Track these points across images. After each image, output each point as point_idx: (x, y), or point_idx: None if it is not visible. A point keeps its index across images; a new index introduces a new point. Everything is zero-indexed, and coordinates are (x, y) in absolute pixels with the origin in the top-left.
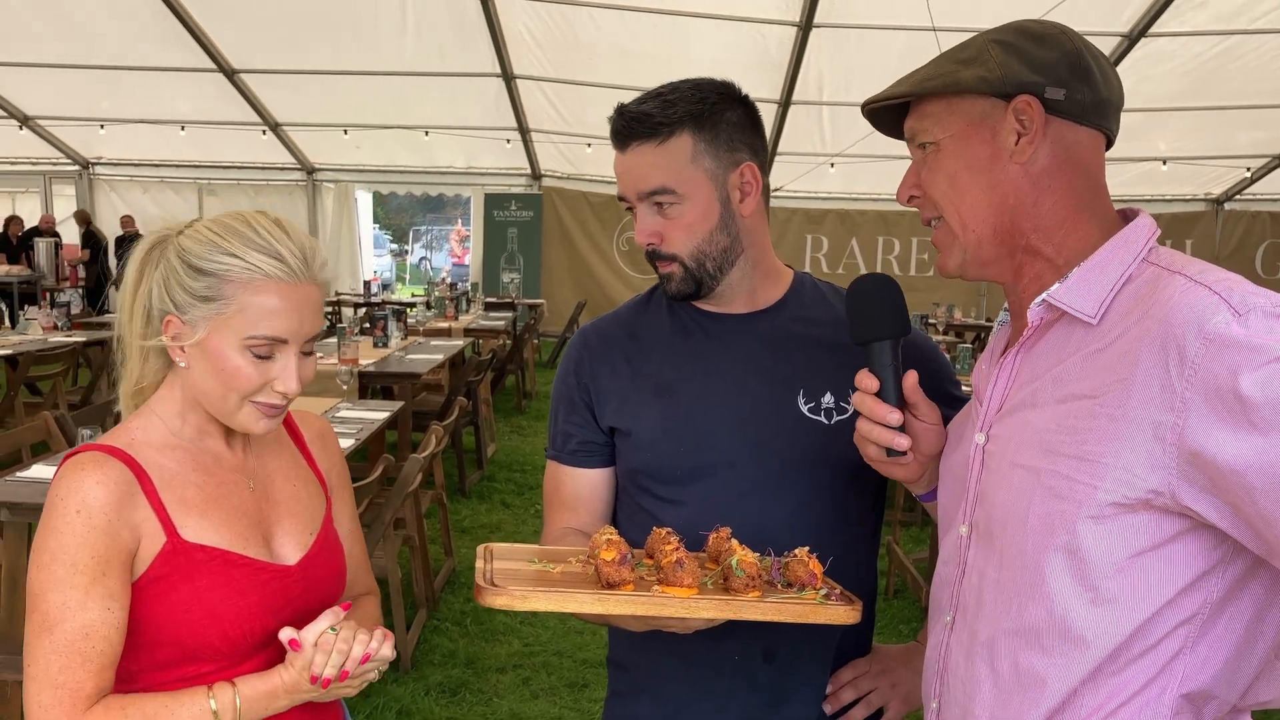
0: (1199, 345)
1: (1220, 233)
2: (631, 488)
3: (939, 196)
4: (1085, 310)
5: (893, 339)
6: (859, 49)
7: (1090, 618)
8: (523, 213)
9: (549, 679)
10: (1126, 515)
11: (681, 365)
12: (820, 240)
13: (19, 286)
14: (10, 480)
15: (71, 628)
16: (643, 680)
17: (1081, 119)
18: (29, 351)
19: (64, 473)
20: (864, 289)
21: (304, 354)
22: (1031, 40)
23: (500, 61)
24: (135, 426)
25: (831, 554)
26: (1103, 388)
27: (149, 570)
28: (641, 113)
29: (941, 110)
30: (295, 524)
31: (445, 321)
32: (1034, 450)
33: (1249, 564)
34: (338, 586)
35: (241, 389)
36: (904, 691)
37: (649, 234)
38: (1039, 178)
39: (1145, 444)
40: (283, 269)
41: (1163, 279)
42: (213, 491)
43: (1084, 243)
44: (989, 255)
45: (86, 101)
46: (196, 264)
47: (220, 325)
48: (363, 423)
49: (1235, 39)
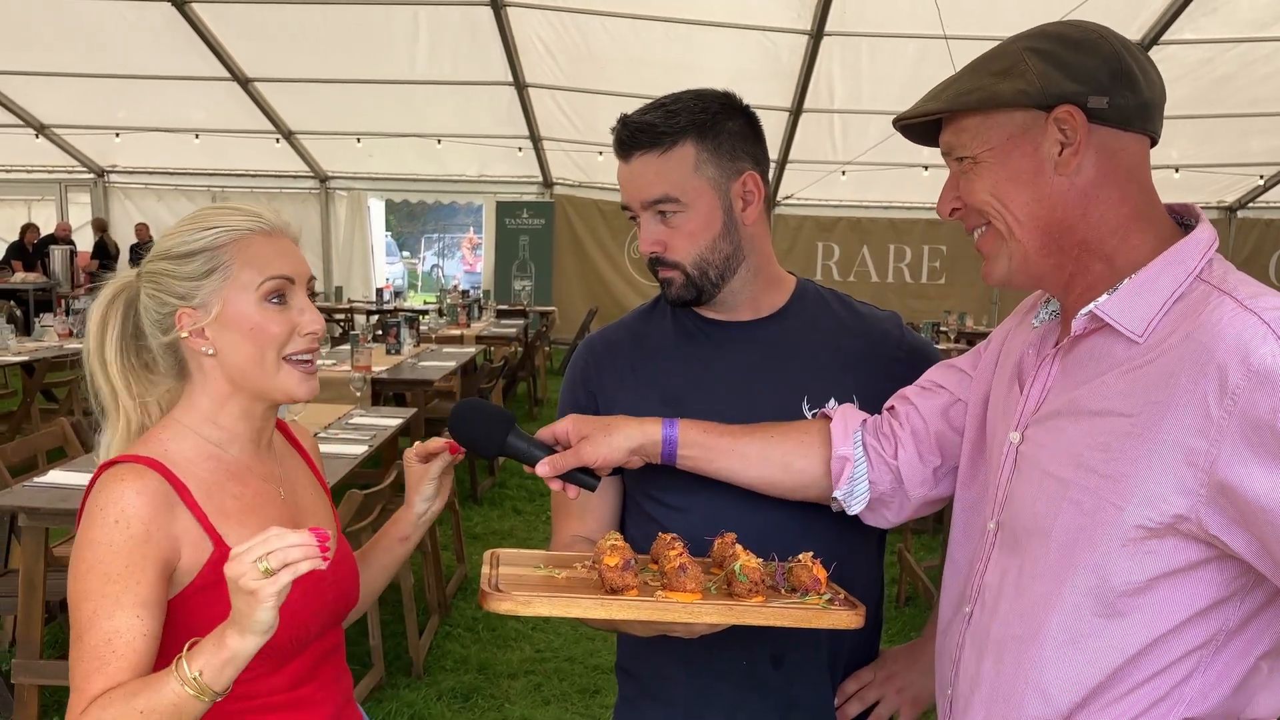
0: (1242, 376)
1: (1233, 241)
2: (639, 495)
3: (983, 206)
4: (1132, 328)
5: (511, 433)
6: (870, 57)
7: (1102, 636)
8: (534, 220)
9: (560, 685)
10: (1151, 539)
11: (687, 373)
12: (831, 248)
13: (35, 294)
14: (27, 486)
15: (98, 634)
16: (651, 686)
17: (1126, 125)
18: (45, 358)
19: (103, 483)
20: (457, 429)
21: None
22: (1070, 47)
23: (512, 70)
24: (166, 438)
25: (836, 559)
26: (1139, 407)
27: (196, 579)
28: (645, 123)
29: (978, 124)
30: (320, 528)
31: (457, 329)
32: (1065, 461)
33: (1269, 595)
34: (356, 588)
35: (275, 340)
36: (911, 695)
37: (652, 242)
38: (1086, 188)
39: (1176, 469)
40: (262, 222)
41: (1212, 299)
42: (250, 500)
43: (1138, 251)
44: (1037, 267)
45: (102, 110)
46: (183, 250)
47: (232, 290)
48: (376, 429)
49: (1248, 46)
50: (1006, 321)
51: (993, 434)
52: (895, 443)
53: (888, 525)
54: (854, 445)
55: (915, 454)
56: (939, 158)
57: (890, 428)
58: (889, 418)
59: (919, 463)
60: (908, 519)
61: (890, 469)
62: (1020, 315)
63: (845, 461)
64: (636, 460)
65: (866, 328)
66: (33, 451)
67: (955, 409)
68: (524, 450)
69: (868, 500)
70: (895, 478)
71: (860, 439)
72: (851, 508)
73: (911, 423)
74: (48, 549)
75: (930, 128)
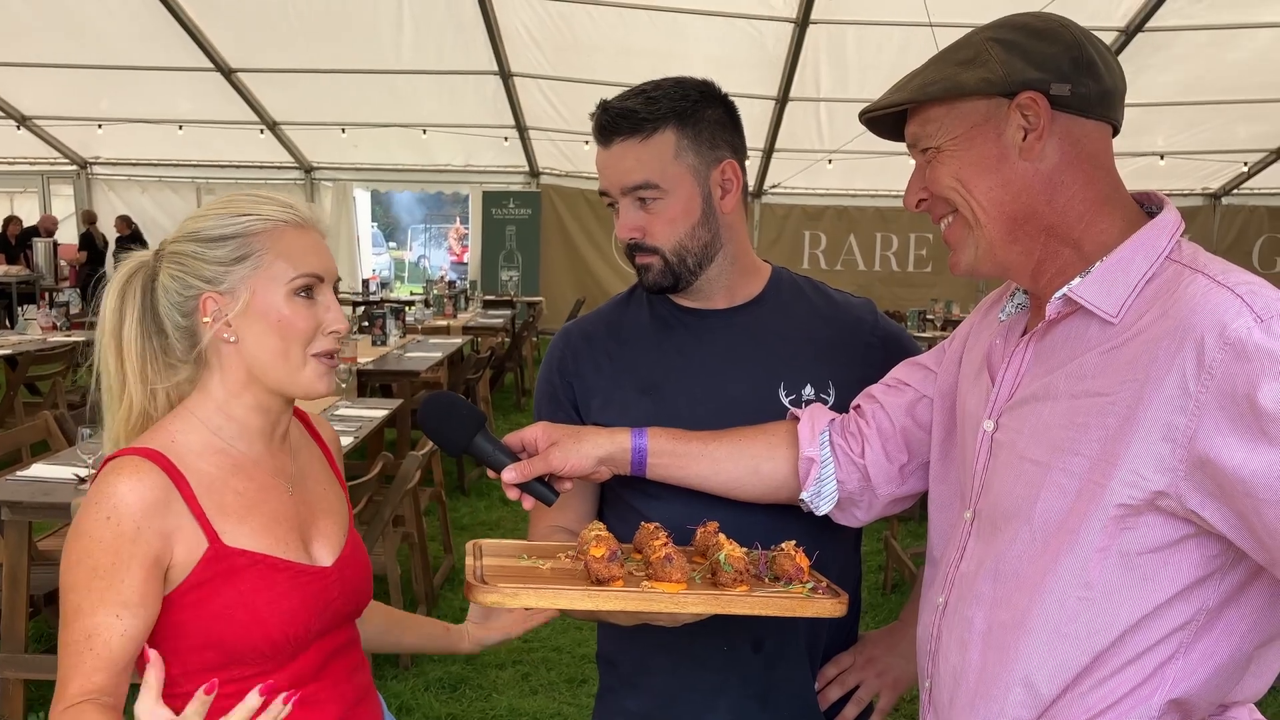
0: (1219, 350)
1: (1218, 227)
2: (618, 485)
3: (948, 194)
4: (1107, 309)
5: (479, 433)
6: (856, 45)
7: (1084, 616)
8: (521, 210)
9: (548, 675)
10: (1132, 517)
11: (664, 361)
12: (818, 237)
13: (18, 287)
14: (11, 480)
15: (79, 629)
16: (632, 675)
17: (1088, 112)
18: (28, 351)
19: (103, 476)
20: (427, 421)
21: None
22: (1032, 35)
23: (498, 59)
24: (175, 429)
25: (814, 543)
26: (1116, 386)
27: (190, 576)
28: (626, 109)
29: (943, 114)
30: (329, 526)
31: (444, 319)
32: (1043, 445)
33: (1248, 572)
34: (367, 587)
35: (301, 335)
36: (892, 678)
37: (631, 228)
38: (1050, 174)
39: (1155, 445)
40: (295, 214)
41: (1184, 277)
42: (253, 496)
43: (1106, 235)
44: (1003, 254)
45: (84, 101)
46: (215, 234)
47: (263, 279)
48: (361, 421)
49: (1232, 32)
50: (971, 316)
51: (962, 427)
52: (862, 441)
53: (858, 524)
54: (820, 446)
55: (882, 452)
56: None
57: (857, 426)
58: (856, 417)
59: (886, 461)
60: (877, 517)
61: (858, 468)
62: (985, 310)
63: (812, 463)
64: (604, 471)
65: (841, 314)
66: (16, 445)
67: (921, 406)
68: (489, 453)
69: (836, 500)
70: (863, 476)
71: (827, 439)
72: (820, 508)
73: (878, 421)
74: (31, 543)
75: (897, 121)
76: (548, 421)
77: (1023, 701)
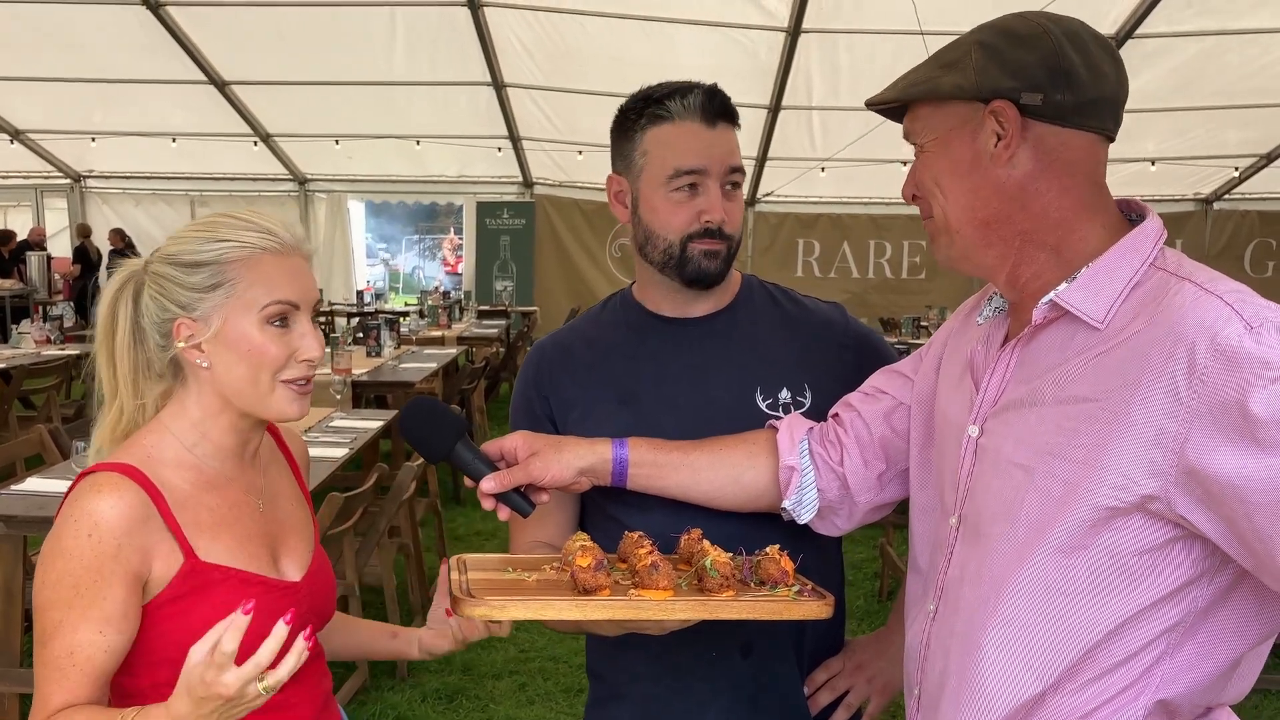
0: (1210, 357)
1: (1209, 232)
2: (599, 496)
3: (926, 193)
4: (1094, 315)
5: (460, 441)
6: (848, 54)
7: (1069, 617)
8: (515, 221)
9: (545, 685)
10: (1119, 518)
11: (641, 371)
12: (812, 244)
13: (11, 300)
14: (5, 494)
15: (60, 646)
16: (621, 685)
17: (1064, 121)
18: (22, 365)
19: (79, 492)
20: (408, 428)
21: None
22: (1012, 41)
23: (491, 70)
24: (149, 443)
25: (797, 546)
26: (1105, 391)
27: (166, 590)
28: (728, 98)
29: (929, 113)
30: (297, 541)
31: (438, 330)
32: (1030, 450)
33: (1236, 575)
34: (332, 600)
35: (271, 364)
36: (881, 683)
37: (723, 209)
38: (1023, 181)
39: (1145, 450)
40: (275, 241)
41: (1171, 285)
42: (224, 513)
43: (1085, 242)
44: (978, 257)
45: (77, 114)
46: (190, 259)
47: (235, 307)
48: (356, 432)
49: (1223, 38)
50: (949, 323)
51: (942, 434)
52: (841, 449)
53: (838, 533)
54: (800, 455)
55: (860, 460)
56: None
57: (835, 435)
58: (834, 425)
59: (864, 469)
60: (857, 526)
61: (837, 476)
62: (963, 316)
63: (793, 471)
64: (584, 482)
65: (812, 318)
66: (10, 459)
67: (898, 413)
68: (469, 461)
69: (817, 509)
70: (842, 485)
71: (807, 448)
72: (801, 516)
73: (855, 429)
74: (26, 557)
75: (903, 112)
76: (527, 432)
77: (1008, 702)
